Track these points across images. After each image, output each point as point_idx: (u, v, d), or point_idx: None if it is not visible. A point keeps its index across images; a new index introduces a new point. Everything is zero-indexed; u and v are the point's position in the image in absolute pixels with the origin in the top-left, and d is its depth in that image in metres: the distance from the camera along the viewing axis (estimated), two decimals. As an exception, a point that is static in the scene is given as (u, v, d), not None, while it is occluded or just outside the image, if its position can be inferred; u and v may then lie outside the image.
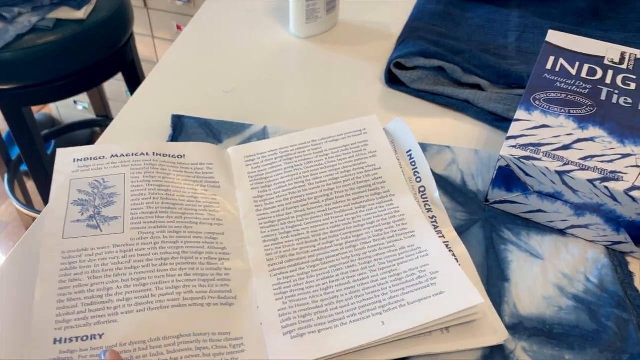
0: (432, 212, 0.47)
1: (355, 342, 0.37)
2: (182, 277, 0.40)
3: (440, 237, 0.45)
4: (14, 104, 1.01)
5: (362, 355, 0.37)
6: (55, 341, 0.36)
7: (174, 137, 0.53)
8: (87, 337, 0.36)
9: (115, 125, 0.56)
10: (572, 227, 0.45)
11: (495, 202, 0.48)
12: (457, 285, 0.40)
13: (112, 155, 0.47)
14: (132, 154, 0.47)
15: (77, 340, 0.36)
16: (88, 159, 0.47)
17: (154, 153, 0.48)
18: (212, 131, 0.54)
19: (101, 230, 0.42)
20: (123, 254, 0.40)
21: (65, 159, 0.47)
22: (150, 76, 0.62)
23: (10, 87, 0.98)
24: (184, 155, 0.49)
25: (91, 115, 1.74)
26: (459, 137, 0.55)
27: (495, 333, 0.39)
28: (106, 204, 0.43)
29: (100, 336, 0.36)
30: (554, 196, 0.44)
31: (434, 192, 0.48)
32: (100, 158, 0.47)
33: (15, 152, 1.52)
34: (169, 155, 0.48)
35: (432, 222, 0.46)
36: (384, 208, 0.46)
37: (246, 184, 0.48)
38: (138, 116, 0.57)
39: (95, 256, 0.40)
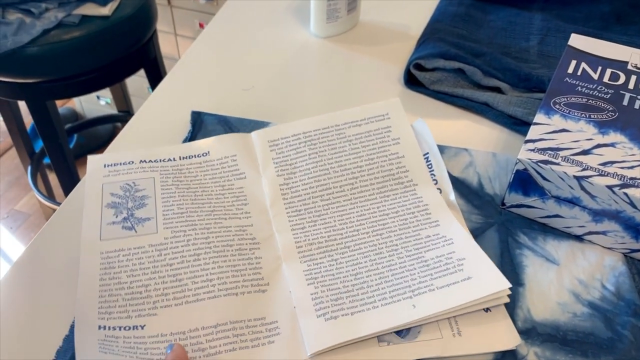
0: (447, 214, 0.47)
1: (388, 324, 0.38)
2: (215, 269, 0.41)
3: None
4: (39, 97, 1.03)
5: (375, 356, 0.37)
6: (100, 327, 0.38)
7: (193, 133, 0.54)
8: (129, 327, 0.38)
9: (136, 121, 0.57)
10: (590, 233, 0.45)
11: (512, 206, 0.47)
12: (484, 271, 0.40)
13: (141, 161, 0.49)
14: (160, 160, 0.49)
15: (120, 329, 0.38)
16: (118, 164, 0.48)
17: (180, 157, 0.49)
18: (231, 128, 0.55)
19: (136, 232, 0.43)
20: (158, 253, 0.42)
21: (96, 165, 0.48)
22: (171, 73, 0.63)
23: (36, 81, 1.00)
24: (208, 152, 0.50)
25: (113, 110, 1.76)
26: (477, 139, 0.55)
27: (508, 337, 0.38)
28: (138, 206, 0.45)
29: (142, 327, 0.38)
30: (572, 201, 0.44)
31: (450, 194, 0.47)
32: (129, 163, 0.48)
33: (39, 145, 1.55)
34: (194, 155, 0.50)
35: (447, 224, 0.46)
36: (408, 198, 0.46)
37: (271, 170, 0.48)
38: (158, 112, 0.58)
39: (132, 256, 0.42)
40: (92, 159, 0.49)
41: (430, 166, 0.50)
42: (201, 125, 0.55)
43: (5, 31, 0.94)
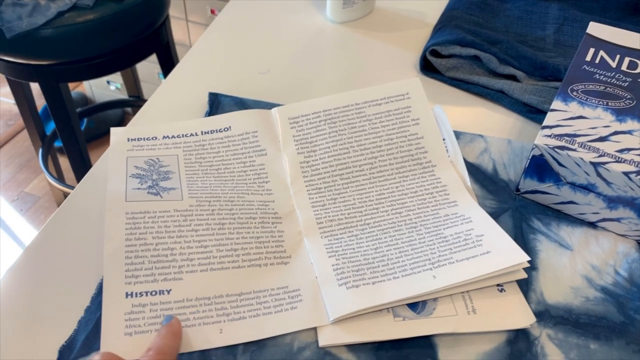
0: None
1: (409, 292, 0.38)
2: (240, 240, 0.42)
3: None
4: (52, 79, 1.04)
5: (390, 331, 0.38)
6: (127, 295, 0.38)
7: (210, 113, 0.55)
8: (155, 292, 0.39)
9: (154, 100, 0.58)
10: (604, 220, 0.45)
11: (526, 192, 0.48)
12: (502, 246, 0.41)
13: (164, 137, 0.49)
14: (182, 135, 0.49)
15: (146, 295, 0.38)
16: (141, 139, 0.49)
17: (202, 132, 0.50)
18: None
19: (161, 197, 0.44)
20: (184, 218, 0.43)
21: (120, 137, 0.49)
22: (188, 55, 0.64)
23: (50, 63, 1.00)
24: (230, 127, 0.50)
25: (123, 95, 1.77)
26: (492, 126, 0.55)
27: (522, 316, 0.39)
28: (163, 178, 0.46)
29: (168, 292, 0.39)
30: (587, 188, 0.44)
31: (465, 179, 0.48)
32: (153, 139, 0.49)
33: (50, 128, 1.56)
34: (216, 130, 0.50)
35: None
36: (426, 178, 0.47)
37: (292, 147, 0.49)
38: (175, 94, 0.59)
39: (157, 219, 0.42)
40: (115, 131, 0.49)
41: (446, 152, 0.50)
42: (218, 106, 0.55)
43: (20, 12, 0.94)
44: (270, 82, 0.60)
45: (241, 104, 0.56)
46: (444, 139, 0.51)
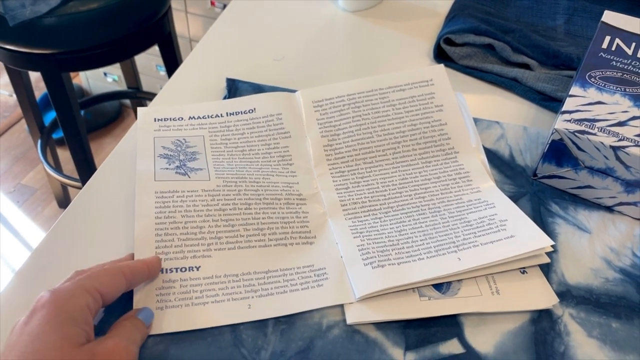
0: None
1: (434, 273, 0.39)
2: (266, 219, 0.43)
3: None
4: (55, 69, 1.03)
5: (416, 310, 0.38)
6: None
7: (229, 98, 0.55)
8: (185, 268, 0.39)
9: (171, 84, 0.58)
10: (621, 204, 0.46)
11: (544, 177, 0.48)
12: (526, 230, 0.42)
13: (190, 117, 0.49)
14: (208, 116, 0.50)
15: (176, 271, 0.39)
16: (168, 119, 0.49)
17: (227, 113, 0.50)
18: (265, 96, 0.55)
19: (189, 177, 0.44)
20: (211, 198, 0.43)
21: (147, 117, 0.49)
22: (201, 43, 0.64)
23: (52, 52, 1.00)
24: (254, 109, 0.51)
25: (120, 87, 1.76)
26: (506, 114, 0.56)
27: (545, 297, 0.40)
28: (190, 159, 0.46)
29: (197, 268, 0.39)
30: (605, 172, 0.45)
31: (486, 165, 0.48)
32: (179, 119, 0.49)
33: (48, 119, 1.54)
34: (241, 112, 0.50)
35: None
36: (449, 164, 0.47)
37: (316, 130, 0.49)
38: (191, 80, 0.58)
39: (186, 198, 0.43)
40: (142, 110, 0.50)
41: (470, 138, 0.51)
42: (236, 91, 0.55)
43: (23, 0, 0.94)
44: (285, 69, 0.60)
45: (258, 90, 0.56)
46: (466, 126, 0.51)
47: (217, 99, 0.55)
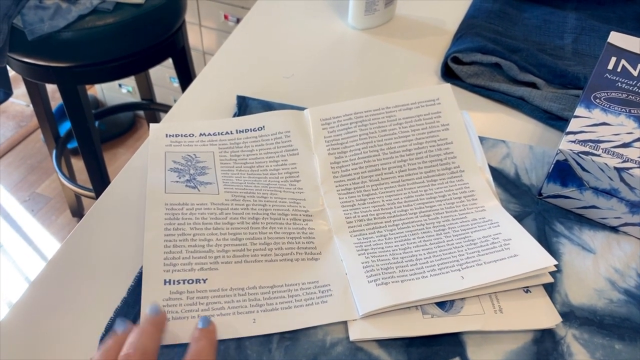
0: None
1: (438, 291, 0.39)
2: (272, 235, 0.44)
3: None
4: (71, 81, 1.06)
5: (419, 327, 0.39)
6: (165, 282, 0.40)
7: (239, 115, 0.56)
8: (192, 280, 0.40)
9: (182, 102, 0.59)
10: (626, 224, 0.46)
11: (549, 197, 0.49)
12: (530, 250, 0.42)
13: (201, 134, 0.51)
14: (218, 133, 0.51)
15: (184, 283, 0.40)
16: (179, 135, 0.50)
17: (237, 131, 0.52)
18: (274, 113, 0.56)
19: (199, 190, 0.45)
20: (220, 211, 0.44)
21: (159, 133, 0.51)
22: (213, 61, 0.65)
23: (69, 65, 1.02)
24: (264, 127, 0.52)
25: (134, 98, 1.79)
26: (512, 133, 0.56)
27: (548, 316, 0.40)
28: (200, 173, 0.47)
29: (204, 281, 0.40)
30: (610, 193, 0.45)
31: (491, 184, 0.49)
32: (190, 135, 0.50)
33: (64, 129, 1.57)
34: (250, 129, 0.52)
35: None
36: (455, 183, 0.48)
37: (323, 148, 0.50)
38: (202, 97, 0.60)
39: (195, 210, 0.44)
40: (154, 126, 0.51)
41: (475, 157, 0.51)
42: (246, 108, 0.57)
43: (42, 15, 0.96)
44: (295, 86, 0.61)
45: (268, 107, 0.57)
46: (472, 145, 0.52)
47: (228, 115, 0.56)
